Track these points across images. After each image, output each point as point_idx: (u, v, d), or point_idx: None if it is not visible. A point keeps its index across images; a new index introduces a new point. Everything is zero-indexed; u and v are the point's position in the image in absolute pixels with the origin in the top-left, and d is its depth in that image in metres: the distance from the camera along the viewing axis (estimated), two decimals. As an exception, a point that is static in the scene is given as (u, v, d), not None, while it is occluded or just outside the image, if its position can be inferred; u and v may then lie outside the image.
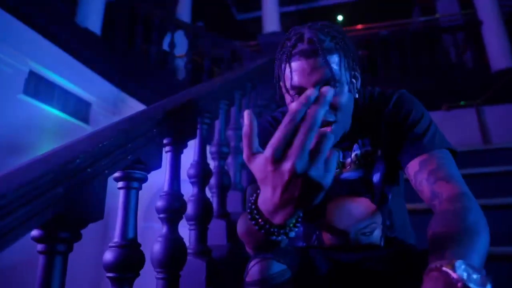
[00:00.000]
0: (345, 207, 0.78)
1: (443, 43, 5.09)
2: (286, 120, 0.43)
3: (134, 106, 3.29)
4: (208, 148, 1.21)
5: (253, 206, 0.53)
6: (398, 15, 7.02)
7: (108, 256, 0.67)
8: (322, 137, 0.43)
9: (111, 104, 3.12)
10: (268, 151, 0.44)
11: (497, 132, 3.77)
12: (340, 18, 8.00)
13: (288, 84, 0.71)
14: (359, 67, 0.79)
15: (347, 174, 0.79)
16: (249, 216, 0.53)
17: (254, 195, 0.55)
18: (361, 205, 0.77)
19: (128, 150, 0.67)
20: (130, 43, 3.57)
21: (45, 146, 2.34)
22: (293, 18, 7.77)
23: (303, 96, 0.43)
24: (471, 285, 0.39)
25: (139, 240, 0.73)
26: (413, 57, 4.65)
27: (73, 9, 3.13)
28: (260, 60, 2.44)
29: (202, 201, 1.06)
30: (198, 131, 1.08)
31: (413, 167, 0.70)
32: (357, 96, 0.77)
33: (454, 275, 0.41)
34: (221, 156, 1.31)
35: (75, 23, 3.03)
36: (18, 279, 1.95)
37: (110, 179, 0.67)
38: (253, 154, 0.47)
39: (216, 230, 1.23)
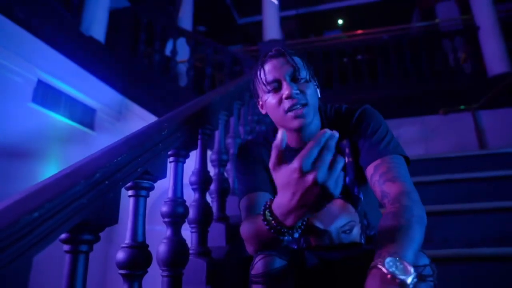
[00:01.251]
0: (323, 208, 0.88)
1: (442, 48, 5.16)
2: (311, 143, 0.56)
3: (138, 112, 3.39)
4: (208, 155, 1.30)
5: (267, 210, 0.66)
6: (397, 20, 7.10)
7: (121, 255, 0.76)
8: (336, 158, 0.57)
9: (116, 111, 3.22)
10: (297, 162, 0.56)
11: (493, 136, 3.84)
12: (340, 22, 8.09)
13: (264, 82, 0.87)
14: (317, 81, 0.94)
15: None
16: (262, 218, 0.66)
17: (267, 201, 0.67)
18: (336, 205, 0.87)
19: (138, 164, 0.76)
20: (133, 51, 3.68)
21: (54, 152, 2.44)
22: (294, 22, 7.87)
23: (320, 133, 0.56)
24: (399, 276, 0.51)
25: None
26: (412, 62, 4.73)
27: (78, 18, 3.23)
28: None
29: (203, 206, 1.15)
30: (199, 142, 1.18)
31: (369, 171, 0.82)
32: (319, 92, 0.91)
33: (385, 270, 0.52)
34: (220, 164, 1.40)
35: (81, 32, 3.13)
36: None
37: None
38: (279, 164, 0.59)
39: (216, 233, 1.31)
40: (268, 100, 0.88)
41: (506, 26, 4.56)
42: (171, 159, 1.00)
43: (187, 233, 1.13)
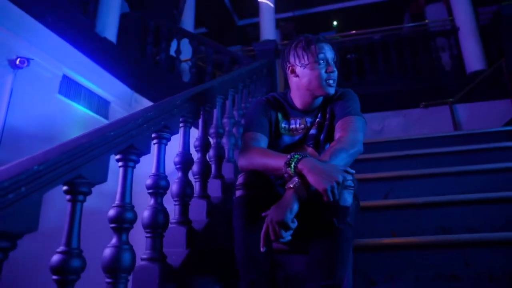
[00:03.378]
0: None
1: (429, 47, 5.53)
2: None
3: (146, 104, 3.78)
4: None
5: (293, 164, 0.98)
6: (390, 22, 7.46)
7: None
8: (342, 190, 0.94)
9: (126, 103, 3.63)
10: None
11: (468, 127, 4.22)
12: (334, 23, 8.49)
13: (316, 57, 1.20)
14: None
15: (312, 131, 1.29)
16: (287, 162, 0.99)
17: (300, 155, 0.99)
18: (308, 152, 1.24)
19: (161, 120, 1.16)
20: (142, 50, 4.09)
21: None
22: (291, 24, 8.27)
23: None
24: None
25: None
26: (397, 61, 5.13)
27: (93, 22, 3.64)
28: (252, 64, 2.94)
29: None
30: (201, 114, 1.58)
31: (337, 125, 1.21)
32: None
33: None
34: (218, 135, 1.80)
35: (96, 33, 3.54)
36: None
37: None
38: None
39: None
40: (313, 68, 1.21)
41: (483, 28, 4.94)
42: (181, 123, 1.40)
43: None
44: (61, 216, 0.88)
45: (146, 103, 3.73)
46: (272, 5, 5.67)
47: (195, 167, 1.54)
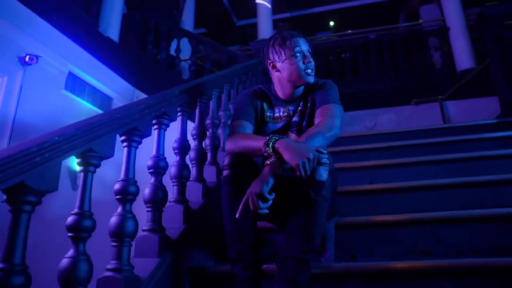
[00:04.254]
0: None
1: (421, 46, 5.68)
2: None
3: (147, 102, 3.94)
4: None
5: (271, 144, 1.11)
6: (385, 22, 7.61)
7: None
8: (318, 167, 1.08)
9: (128, 99, 3.78)
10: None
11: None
12: (331, 23, 8.65)
13: (292, 51, 1.34)
14: None
15: (295, 118, 1.43)
16: (266, 142, 1.12)
17: (274, 139, 1.12)
18: (291, 138, 1.37)
19: (161, 107, 1.31)
20: (143, 49, 4.24)
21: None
22: (288, 24, 8.42)
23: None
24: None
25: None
26: (391, 59, 5.28)
27: (97, 21, 3.79)
28: (248, 62, 3.09)
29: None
30: (198, 106, 1.73)
31: (317, 112, 1.34)
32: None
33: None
34: (213, 126, 1.95)
35: (99, 33, 3.69)
36: None
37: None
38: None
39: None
40: (291, 61, 1.34)
41: (472, 28, 5.08)
42: (179, 112, 1.55)
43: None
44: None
45: (146, 99, 3.88)
46: (269, 6, 5.83)
47: (192, 154, 1.69)
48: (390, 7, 7.99)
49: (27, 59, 2.50)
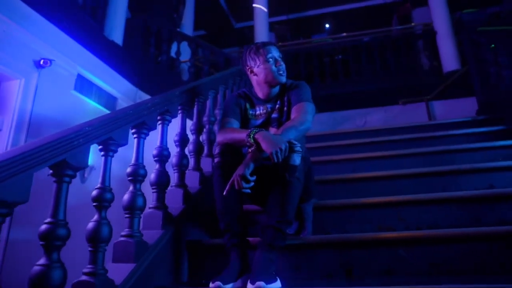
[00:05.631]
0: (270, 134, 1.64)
1: (410, 49, 5.94)
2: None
3: (149, 101, 4.20)
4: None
5: (252, 135, 1.37)
6: (379, 25, 7.86)
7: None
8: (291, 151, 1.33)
9: (131, 99, 4.04)
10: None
11: (443, 122, 4.63)
12: (327, 26, 8.91)
13: (266, 57, 1.60)
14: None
15: (274, 115, 1.69)
16: (248, 134, 1.37)
17: (254, 131, 1.38)
18: (272, 132, 1.63)
19: (164, 105, 1.57)
20: (145, 52, 4.50)
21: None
22: (286, 26, 8.68)
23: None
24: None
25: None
26: (380, 61, 5.54)
27: (102, 26, 4.05)
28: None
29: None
30: (196, 105, 1.99)
31: (292, 109, 1.60)
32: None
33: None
34: (210, 122, 2.21)
35: (105, 37, 3.95)
36: None
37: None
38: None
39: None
40: (265, 66, 1.61)
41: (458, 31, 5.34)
42: (179, 110, 1.80)
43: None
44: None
45: (149, 99, 4.14)
46: (265, 10, 6.09)
47: (190, 146, 1.95)
48: (383, 9, 8.25)
49: (41, 62, 2.76)
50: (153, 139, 1.63)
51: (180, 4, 5.92)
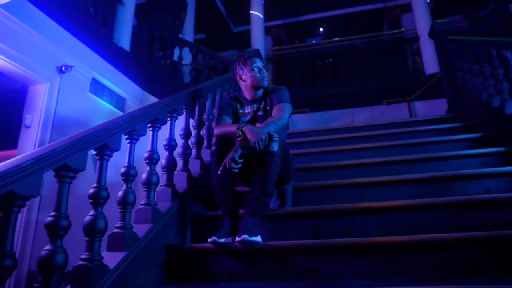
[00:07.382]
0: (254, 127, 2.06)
1: (396, 53, 6.36)
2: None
3: (153, 101, 4.63)
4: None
5: (241, 128, 1.78)
6: (370, 29, 8.27)
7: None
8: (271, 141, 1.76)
9: (138, 100, 4.47)
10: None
11: (424, 121, 5.05)
12: (321, 30, 9.33)
13: (252, 66, 2.02)
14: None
15: (259, 113, 2.11)
16: (238, 127, 1.79)
17: (241, 126, 1.80)
18: (256, 126, 2.08)
19: (173, 105, 1.99)
20: (150, 57, 4.93)
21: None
22: (281, 30, 9.11)
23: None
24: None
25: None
26: (368, 65, 5.97)
27: (111, 34, 4.48)
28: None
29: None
30: (197, 105, 2.41)
31: (274, 109, 2.02)
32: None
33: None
34: (209, 120, 2.63)
35: (114, 43, 4.38)
36: None
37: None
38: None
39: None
40: (251, 74, 2.02)
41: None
42: (184, 109, 2.22)
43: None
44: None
45: (153, 100, 4.56)
46: (261, 16, 6.52)
47: (193, 139, 2.37)
48: (375, 14, 8.67)
49: (63, 68, 3.19)
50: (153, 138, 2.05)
51: (182, 11, 6.35)
